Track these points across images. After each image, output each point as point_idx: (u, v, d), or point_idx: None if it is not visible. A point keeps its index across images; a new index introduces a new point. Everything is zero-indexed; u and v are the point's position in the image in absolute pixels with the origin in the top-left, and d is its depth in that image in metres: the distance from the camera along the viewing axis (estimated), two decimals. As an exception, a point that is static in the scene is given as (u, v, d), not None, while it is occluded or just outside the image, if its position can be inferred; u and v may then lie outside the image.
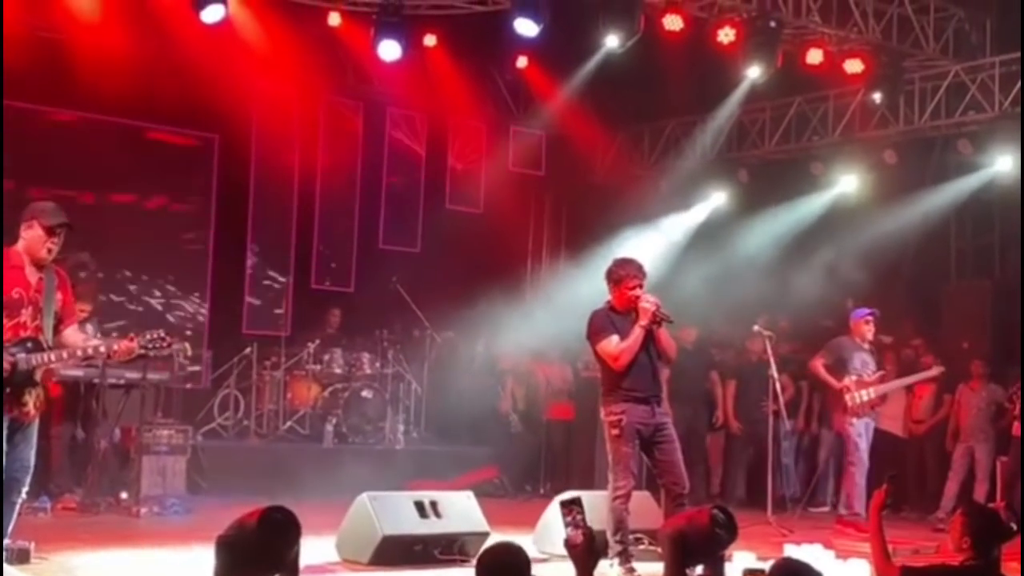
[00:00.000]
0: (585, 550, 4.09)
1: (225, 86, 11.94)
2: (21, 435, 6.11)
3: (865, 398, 9.90)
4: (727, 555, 5.92)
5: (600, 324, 7.34)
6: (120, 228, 12.43)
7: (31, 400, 6.07)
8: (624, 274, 7.38)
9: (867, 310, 10.22)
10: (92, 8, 11.33)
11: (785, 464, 12.32)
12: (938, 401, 11.90)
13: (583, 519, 4.14)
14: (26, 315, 6.05)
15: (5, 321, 6.01)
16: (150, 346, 6.24)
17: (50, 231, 6.08)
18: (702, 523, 5.21)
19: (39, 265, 6.13)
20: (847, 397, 9.87)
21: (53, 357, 6.11)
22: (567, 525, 4.14)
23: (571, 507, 4.15)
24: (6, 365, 5.91)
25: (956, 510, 4.78)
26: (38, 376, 6.11)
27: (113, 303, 12.11)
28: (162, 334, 6.32)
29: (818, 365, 10.25)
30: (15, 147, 11.69)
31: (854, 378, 9.93)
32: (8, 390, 5.95)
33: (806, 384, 12.35)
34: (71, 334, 6.30)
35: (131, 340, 6.33)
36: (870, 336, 10.19)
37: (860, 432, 9.89)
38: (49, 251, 6.12)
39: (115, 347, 6.26)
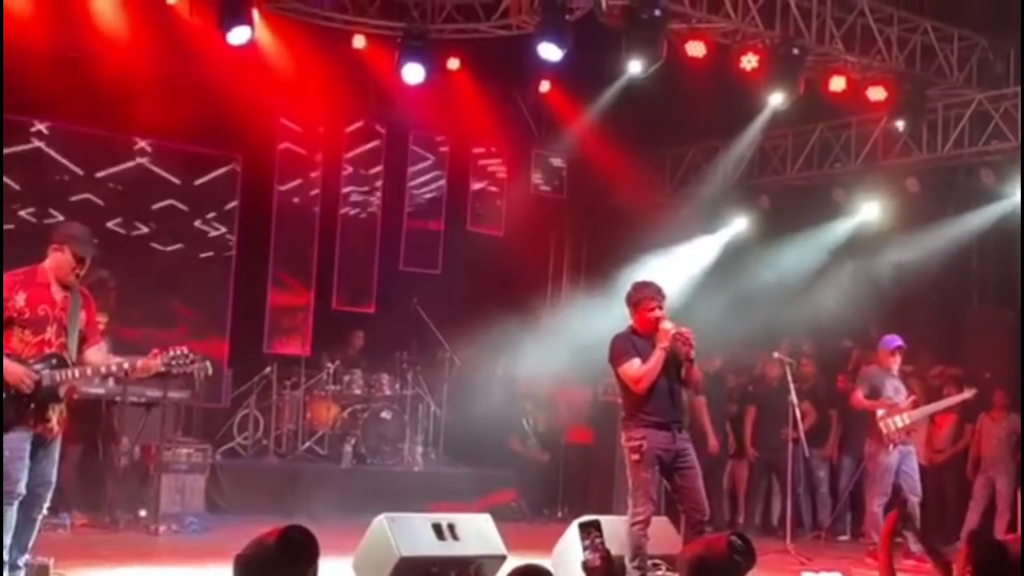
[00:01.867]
0: (603, 573, 4.08)
1: (249, 107, 12.02)
2: (44, 451, 6.19)
3: (900, 424, 9.83)
4: (745, 582, 5.88)
5: (622, 347, 7.34)
6: (142, 245, 12.50)
7: (55, 416, 6.17)
8: (643, 296, 7.40)
9: (897, 341, 10.13)
10: (119, 29, 11.44)
11: (822, 494, 12.26)
12: (959, 431, 11.82)
13: (601, 542, 4.13)
14: (51, 332, 6.14)
15: (31, 338, 6.10)
16: (173, 363, 6.30)
17: (79, 258, 6.19)
18: (720, 549, 5.17)
19: (64, 284, 6.21)
20: (882, 425, 9.79)
21: (77, 374, 6.19)
22: (585, 548, 4.14)
23: (589, 530, 4.15)
24: (31, 382, 5.97)
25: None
26: (62, 392, 6.19)
27: (133, 320, 12.17)
28: (185, 351, 6.39)
29: (859, 397, 10.19)
30: (39, 166, 11.83)
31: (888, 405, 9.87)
32: (32, 406, 6.02)
33: (836, 412, 12.29)
34: (93, 353, 6.38)
35: (153, 357, 6.39)
36: (897, 366, 10.14)
37: (892, 462, 9.78)
38: (77, 276, 6.24)
39: (137, 364, 6.33)
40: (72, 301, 6.24)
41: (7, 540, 6.06)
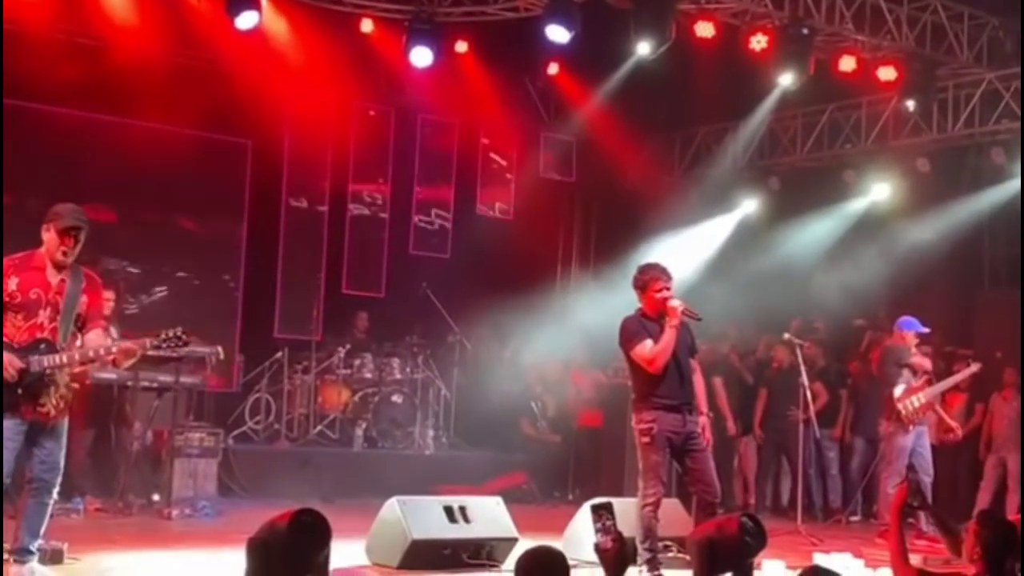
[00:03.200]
0: (615, 555, 4.09)
1: (258, 92, 12.02)
2: (46, 436, 6.13)
3: (917, 404, 9.80)
4: (756, 563, 5.90)
5: (633, 329, 7.33)
6: (152, 232, 12.52)
7: (48, 401, 6.07)
8: (649, 278, 7.37)
9: (919, 327, 10.00)
10: (128, 14, 11.44)
11: (832, 475, 12.27)
12: (970, 410, 11.81)
13: (613, 525, 4.14)
14: (44, 316, 6.07)
15: (22, 323, 6.02)
16: (165, 345, 6.24)
17: (62, 233, 6.08)
18: (731, 531, 5.19)
19: (61, 266, 6.15)
20: (900, 406, 9.76)
21: (65, 359, 6.10)
22: (597, 531, 4.14)
23: (602, 512, 4.15)
24: (14, 371, 5.90)
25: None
26: (56, 377, 6.10)
27: (143, 305, 12.21)
28: (179, 332, 6.30)
29: (882, 374, 10.16)
30: (47, 153, 11.85)
31: (903, 386, 9.84)
32: (21, 391, 5.97)
33: (845, 393, 12.29)
34: (93, 337, 6.28)
35: (135, 342, 6.33)
36: (913, 349, 10.08)
37: (908, 444, 9.74)
38: (64, 254, 6.12)
39: (114, 348, 6.25)
40: (71, 284, 6.15)
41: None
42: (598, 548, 4.12)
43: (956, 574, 4.77)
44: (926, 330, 10.02)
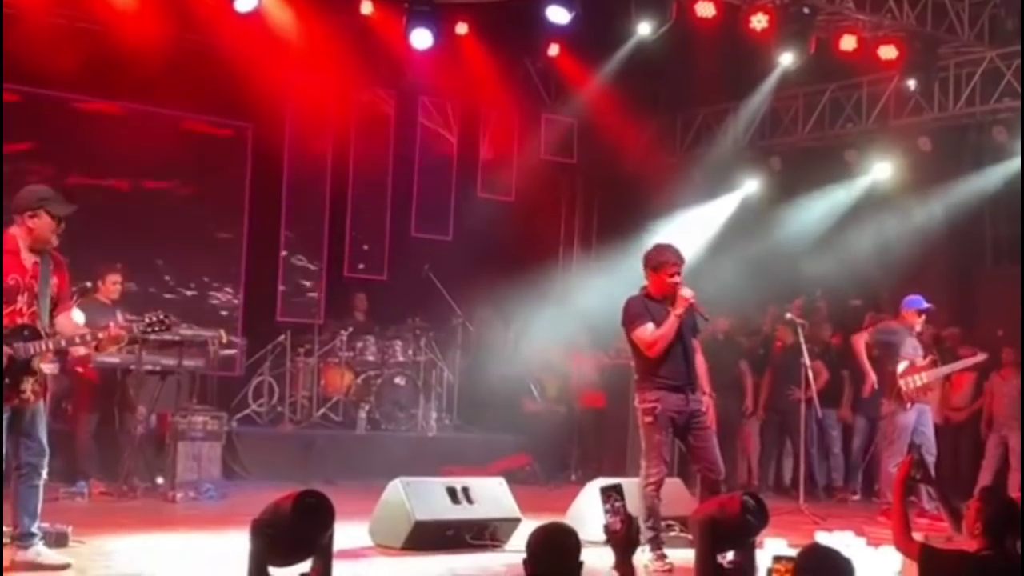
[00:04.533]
0: (625, 537, 4.11)
1: (258, 75, 11.99)
2: (28, 421, 6.12)
3: (919, 383, 9.79)
4: (758, 542, 5.93)
5: (636, 311, 7.31)
6: (154, 217, 12.52)
7: (28, 387, 6.05)
8: (663, 260, 7.30)
9: (924, 304, 9.96)
10: (127, -1, 11.43)
11: (835, 454, 12.30)
12: (977, 389, 11.82)
13: (623, 506, 4.15)
14: (22, 302, 6.04)
15: (2, 309, 5.98)
16: (149, 330, 6.22)
17: (59, 220, 6.10)
18: (733, 510, 5.20)
19: (36, 250, 6.11)
20: (901, 383, 9.76)
21: (51, 345, 6.10)
22: (607, 512, 4.15)
23: (611, 494, 4.17)
24: (4, 356, 5.89)
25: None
26: (36, 364, 6.08)
27: (147, 292, 12.22)
28: (161, 316, 6.28)
29: (859, 342, 10.14)
30: (53, 136, 11.87)
31: (906, 363, 9.83)
32: (7, 380, 5.94)
33: (848, 373, 12.32)
34: (64, 320, 6.26)
35: (120, 328, 6.32)
36: (919, 327, 10.06)
37: (910, 422, 9.73)
38: (58, 237, 6.14)
39: (100, 335, 6.24)
40: (43, 266, 6.11)
41: None
42: (607, 529, 4.14)
43: (958, 550, 4.79)
44: (928, 306, 9.99)
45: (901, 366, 9.80)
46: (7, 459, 6.13)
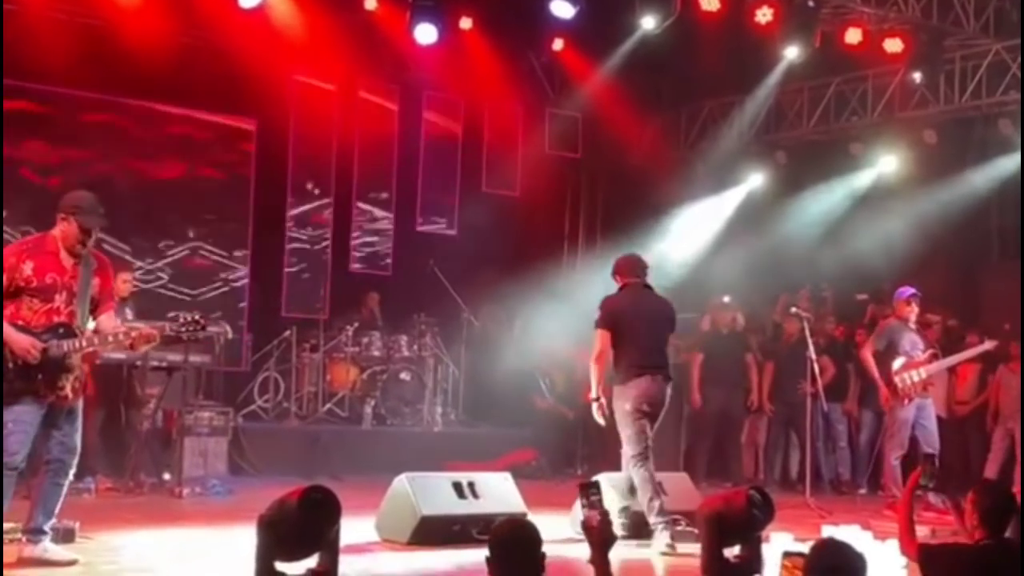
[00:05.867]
0: (600, 532, 4.17)
1: (262, 71, 12.01)
2: (64, 419, 6.21)
3: (916, 379, 9.79)
4: (765, 536, 5.92)
5: (604, 315, 7.83)
6: (159, 214, 12.54)
7: (67, 384, 6.14)
8: (624, 271, 7.94)
9: (910, 290, 10.08)
10: (131, -6, 11.43)
11: (841, 448, 12.31)
12: (982, 382, 11.80)
13: (599, 501, 4.21)
14: (60, 300, 6.12)
15: (39, 306, 6.08)
16: (183, 330, 6.28)
17: (83, 230, 6.16)
18: (739, 504, 5.20)
19: (74, 253, 6.19)
20: (897, 379, 9.78)
21: (85, 343, 6.18)
22: (584, 507, 4.21)
23: (589, 491, 4.22)
24: (37, 352, 5.96)
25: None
26: (73, 361, 6.15)
27: (152, 292, 12.23)
28: (196, 317, 6.36)
29: (867, 353, 10.19)
30: (55, 132, 11.87)
31: (903, 359, 9.84)
32: (41, 376, 6.02)
33: (854, 366, 12.30)
34: (105, 320, 6.35)
35: (153, 327, 6.39)
36: (914, 316, 10.09)
37: (909, 416, 9.76)
38: (84, 245, 6.20)
39: (133, 334, 6.30)
40: (83, 267, 6.21)
41: (6, 506, 6.07)
42: (585, 524, 4.18)
43: (956, 544, 4.80)
44: (913, 291, 10.01)
45: (897, 363, 9.83)
46: (33, 454, 6.19)
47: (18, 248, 6.20)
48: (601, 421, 7.94)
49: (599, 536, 4.15)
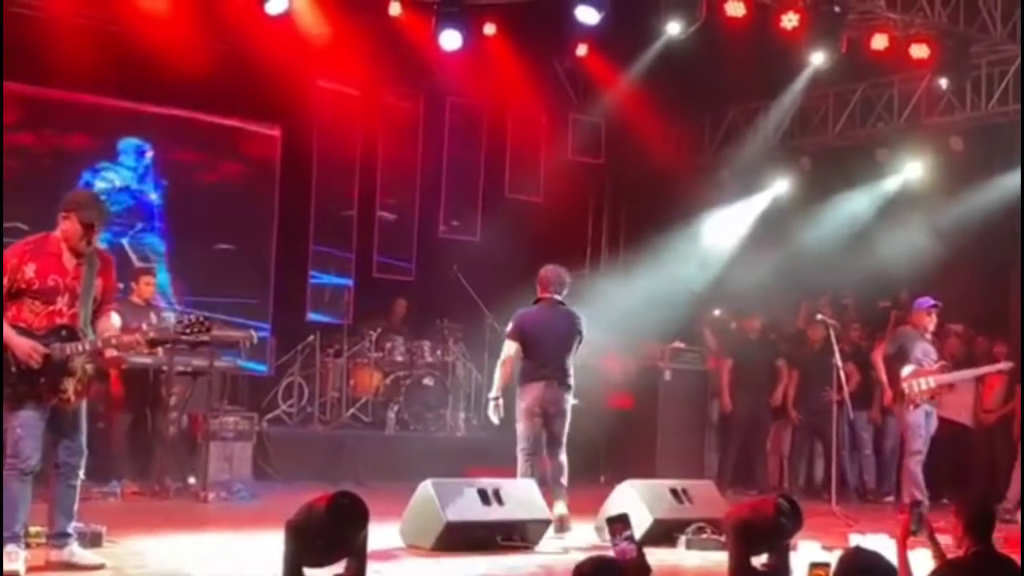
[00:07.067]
0: (638, 564, 4.16)
1: (287, 78, 12.04)
2: (68, 421, 6.16)
3: (923, 387, 9.76)
4: (792, 544, 5.90)
5: (515, 326, 8.65)
6: (183, 220, 12.59)
7: (70, 387, 6.08)
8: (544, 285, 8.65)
9: (930, 301, 10.04)
10: (156, 1, 11.48)
11: (867, 456, 12.26)
12: (1010, 391, 11.71)
13: (631, 535, 4.20)
14: (62, 303, 6.06)
15: (41, 308, 6.01)
16: (187, 332, 6.26)
17: (86, 226, 6.08)
18: (767, 512, 5.19)
19: (79, 252, 6.14)
20: (904, 386, 9.77)
21: (88, 346, 6.12)
22: (618, 542, 4.19)
23: (618, 525, 4.21)
24: (39, 356, 5.93)
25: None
26: (76, 363, 6.11)
27: (178, 296, 12.29)
28: (200, 318, 6.31)
29: (877, 356, 10.22)
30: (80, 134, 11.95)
31: (912, 367, 9.81)
32: (44, 380, 5.98)
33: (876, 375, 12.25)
34: (102, 323, 6.28)
35: (135, 331, 6.41)
36: (932, 327, 10.05)
37: (920, 419, 9.76)
38: (88, 243, 6.12)
39: (124, 339, 6.31)
40: (87, 268, 6.13)
41: (23, 515, 6.05)
42: (623, 559, 4.16)
43: (952, 561, 4.81)
44: (935, 303, 9.98)
45: (906, 369, 9.81)
46: (47, 458, 6.20)
47: (20, 249, 6.10)
48: (495, 419, 8.74)
49: (636, 569, 4.15)
